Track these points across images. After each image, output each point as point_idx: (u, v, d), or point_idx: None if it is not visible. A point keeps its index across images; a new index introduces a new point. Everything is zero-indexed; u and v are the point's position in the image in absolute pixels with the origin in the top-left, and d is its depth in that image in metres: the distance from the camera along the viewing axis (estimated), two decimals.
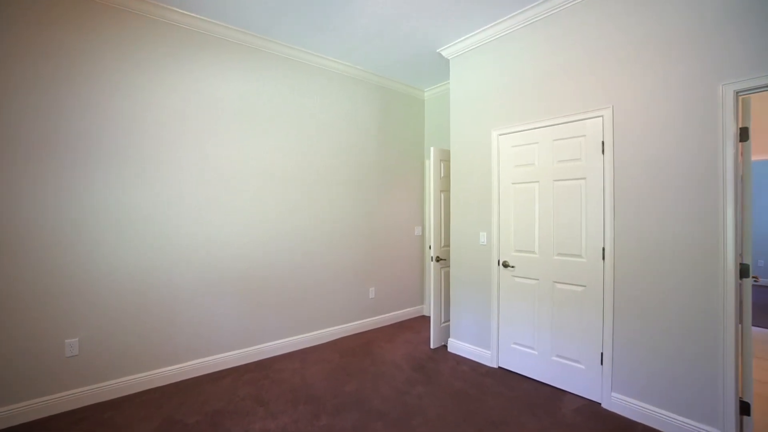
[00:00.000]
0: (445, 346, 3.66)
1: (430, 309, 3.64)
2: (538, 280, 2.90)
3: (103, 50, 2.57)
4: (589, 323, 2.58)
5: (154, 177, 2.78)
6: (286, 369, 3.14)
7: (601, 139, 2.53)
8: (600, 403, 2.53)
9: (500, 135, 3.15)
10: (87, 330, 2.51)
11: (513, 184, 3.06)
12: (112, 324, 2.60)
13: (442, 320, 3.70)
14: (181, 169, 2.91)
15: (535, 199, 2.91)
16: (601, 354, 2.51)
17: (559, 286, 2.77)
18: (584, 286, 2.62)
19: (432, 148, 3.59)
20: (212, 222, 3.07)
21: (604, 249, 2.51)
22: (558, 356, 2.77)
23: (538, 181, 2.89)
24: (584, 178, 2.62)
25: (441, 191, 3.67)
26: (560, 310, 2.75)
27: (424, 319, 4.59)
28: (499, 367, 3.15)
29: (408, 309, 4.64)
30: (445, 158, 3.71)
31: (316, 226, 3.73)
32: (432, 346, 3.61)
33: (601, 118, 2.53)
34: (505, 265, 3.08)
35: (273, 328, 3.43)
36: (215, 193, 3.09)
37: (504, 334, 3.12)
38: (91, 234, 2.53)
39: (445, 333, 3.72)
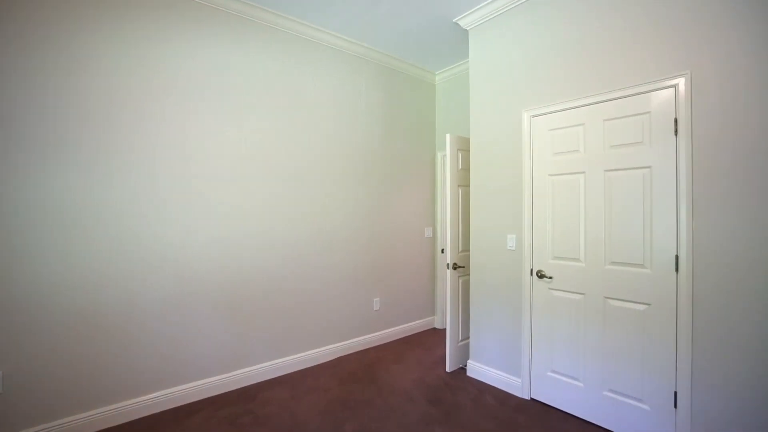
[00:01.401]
0: (463, 369, 3.10)
1: (446, 324, 3.09)
2: (583, 294, 2.33)
3: (43, 7, 2.03)
4: (657, 352, 2.02)
5: (110, 167, 2.24)
6: (273, 400, 2.59)
7: (674, 116, 1.96)
8: None
9: (533, 116, 2.59)
10: (13, 361, 1.96)
11: (550, 175, 2.50)
12: (49, 351, 2.06)
13: (460, 338, 3.14)
14: (144, 159, 2.37)
15: (580, 193, 2.35)
16: (675, 393, 1.95)
17: (612, 302, 2.21)
18: (648, 304, 2.06)
19: (448, 136, 3.04)
20: (184, 222, 2.52)
21: (677, 257, 1.94)
22: (611, 391, 2.20)
23: (583, 172, 2.33)
24: (648, 167, 2.06)
25: (459, 186, 3.11)
26: (614, 333, 2.19)
27: (436, 333, 4.03)
28: (532, 399, 2.59)
29: (417, 321, 4.08)
30: (463, 147, 3.15)
31: (311, 227, 3.18)
32: (448, 369, 3.05)
33: (673, 88, 1.96)
34: (541, 275, 2.52)
35: (259, 349, 2.88)
36: (188, 188, 2.54)
37: (538, 359, 2.56)
38: (23, 238, 1.99)
39: (464, 353, 3.16)
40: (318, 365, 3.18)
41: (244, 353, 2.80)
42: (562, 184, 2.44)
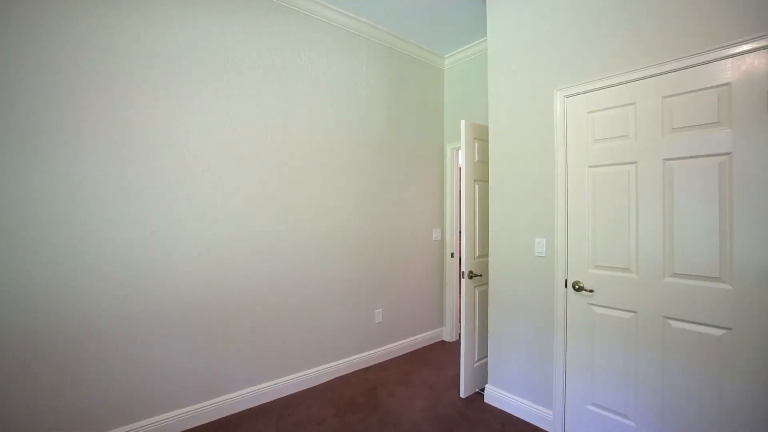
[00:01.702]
0: (480, 395, 2.66)
1: (461, 341, 2.67)
2: (635, 312, 1.89)
3: None
4: (741, 391, 1.58)
5: (47, 154, 1.81)
6: None
7: (766, 89, 1.52)
8: None
9: (568, 96, 2.15)
10: None
11: (591, 167, 2.06)
12: None
13: (476, 357, 2.70)
14: (97, 147, 1.93)
15: (630, 188, 1.91)
16: None
17: (674, 324, 1.77)
18: (728, 328, 1.62)
19: (463, 122, 2.60)
20: (149, 224, 2.09)
21: None
22: None
23: (635, 162, 1.89)
24: (727, 154, 1.62)
25: (475, 181, 2.67)
26: (678, 362, 1.75)
27: (445, 347, 3.59)
28: None
29: (424, 334, 3.64)
30: (480, 136, 2.71)
31: (303, 228, 2.74)
32: (462, 395, 2.62)
33: (765, 51, 1.52)
34: (578, 287, 2.08)
35: (240, 372, 2.44)
36: (152, 184, 2.11)
37: (575, 389, 2.12)
38: None
39: (480, 375, 2.73)
40: (312, 388, 2.74)
41: (222, 378, 2.37)
42: (606, 177, 2.00)
